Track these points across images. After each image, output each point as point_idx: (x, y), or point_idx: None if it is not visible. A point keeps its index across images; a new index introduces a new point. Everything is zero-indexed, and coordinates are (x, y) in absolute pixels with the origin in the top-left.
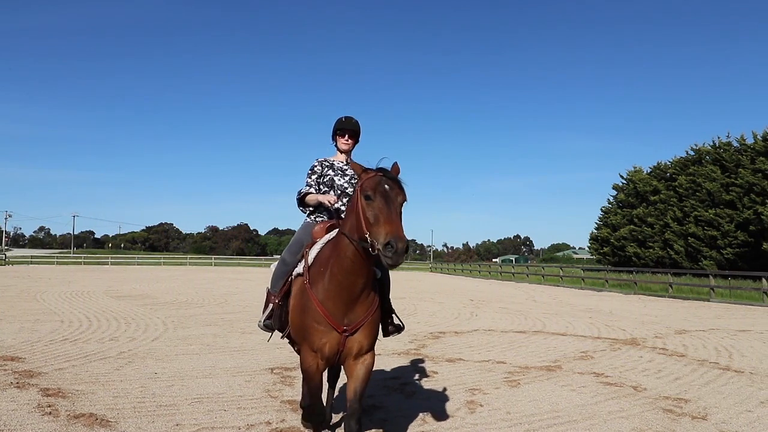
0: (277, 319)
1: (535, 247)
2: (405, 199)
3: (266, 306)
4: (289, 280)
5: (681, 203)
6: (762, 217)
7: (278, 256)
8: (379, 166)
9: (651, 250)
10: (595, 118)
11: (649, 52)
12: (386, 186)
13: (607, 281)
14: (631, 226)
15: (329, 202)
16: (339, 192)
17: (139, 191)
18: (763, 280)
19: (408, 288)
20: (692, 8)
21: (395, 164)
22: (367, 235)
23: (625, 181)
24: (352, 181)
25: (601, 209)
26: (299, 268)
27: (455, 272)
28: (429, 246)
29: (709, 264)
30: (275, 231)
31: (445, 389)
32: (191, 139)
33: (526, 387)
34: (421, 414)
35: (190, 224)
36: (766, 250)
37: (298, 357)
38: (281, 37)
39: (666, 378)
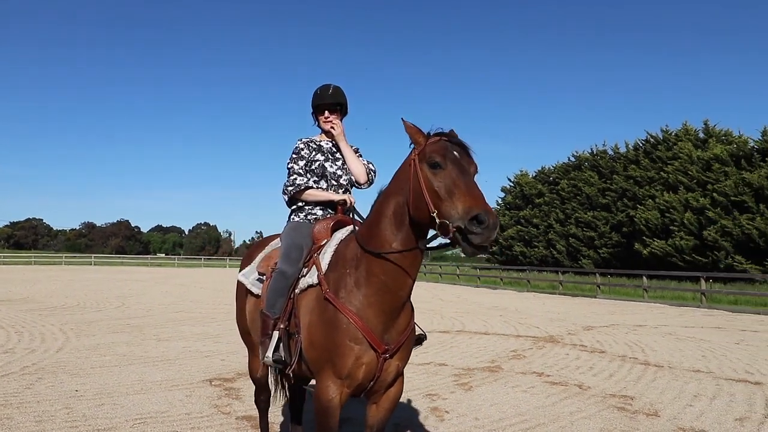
0: (286, 349)
1: None
2: (477, 170)
3: (266, 334)
4: (293, 295)
5: (563, 206)
6: (634, 219)
7: (162, 255)
8: (439, 131)
9: (536, 249)
10: (485, 121)
11: (533, 58)
12: (455, 153)
13: (501, 279)
14: (518, 227)
15: (351, 201)
16: (334, 182)
17: (1, 183)
18: (644, 278)
19: None
20: (580, 15)
21: (452, 131)
22: (434, 215)
23: (512, 184)
24: (345, 166)
25: None
26: (310, 278)
27: None
28: None
29: (587, 263)
30: (159, 228)
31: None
32: (63, 128)
33: (480, 390)
34: (391, 423)
35: (62, 220)
36: (637, 250)
37: (234, 365)
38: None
39: (601, 375)
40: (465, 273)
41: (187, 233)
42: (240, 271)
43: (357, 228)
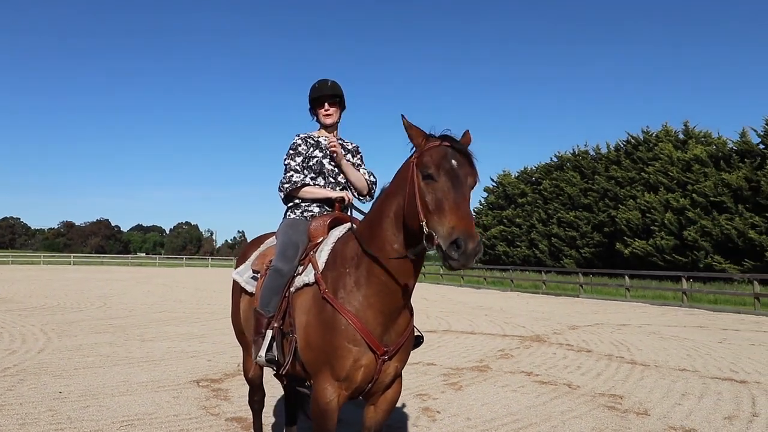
0: (280, 348)
1: None
2: (477, 181)
3: (259, 333)
4: (288, 294)
5: (545, 206)
6: (615, 219)
7: (143, 254)
8: (444, 133)
9: (519, 249)
10: (469, 120)
11: (518, 58)
12: (453, 162)
13: (485, 279)
14: (501, 227)
15: (349, 198)
16: (332, 179)
17: None
18: (626, 277)
19: None
20: (565, 15)
21: (467, 133)
22: (423, 224)
23: (495, 184)
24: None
25: (474, 210)
26: (306, 277)
27: None
28: None
29: (569, 262)
30: (139, 227)
31: None
32: (40, 125)
33: (470, 390)
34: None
35: (41, 219)
36: (618, 249)
37: (221, 366)
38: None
39: (589, 374)
40: (448, 273)
41: (168, 232)
42: (235, 269)
43: (355, 226)
